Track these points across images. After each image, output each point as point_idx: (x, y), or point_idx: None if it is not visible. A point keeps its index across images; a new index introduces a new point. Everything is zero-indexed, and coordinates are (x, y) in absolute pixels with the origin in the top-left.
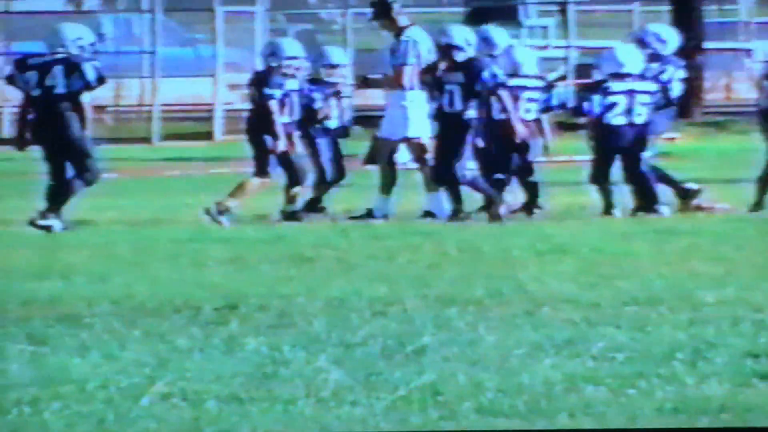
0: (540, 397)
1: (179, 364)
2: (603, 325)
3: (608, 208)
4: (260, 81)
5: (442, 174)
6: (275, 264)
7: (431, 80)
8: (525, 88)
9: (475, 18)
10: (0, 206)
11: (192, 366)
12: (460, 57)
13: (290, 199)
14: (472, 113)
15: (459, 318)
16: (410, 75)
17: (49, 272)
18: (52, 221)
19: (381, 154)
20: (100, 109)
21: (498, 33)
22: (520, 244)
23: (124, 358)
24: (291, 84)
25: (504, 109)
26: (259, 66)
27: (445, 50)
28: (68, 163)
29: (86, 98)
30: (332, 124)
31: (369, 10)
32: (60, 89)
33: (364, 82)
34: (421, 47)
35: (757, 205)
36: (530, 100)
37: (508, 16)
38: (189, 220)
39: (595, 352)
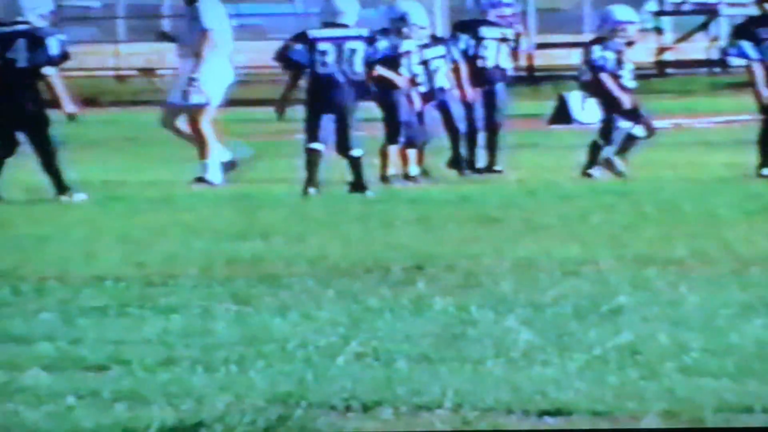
0: (752, 357)
1: (371, 323)
2: None
3: None
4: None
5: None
6: (461, 224)
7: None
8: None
9: None
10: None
11: (383, 326)
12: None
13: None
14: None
15: (658, 278)
16: (211, 40)
17: (251, 232)
18: None
19: (168, 121)
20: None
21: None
22: (726, 203)
23: (321, 317)
24: (408, 45)
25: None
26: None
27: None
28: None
29: (51, 71)
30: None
31: None
32: (21, 63)
33: (162, 36)
34: (219, 12)
35: None
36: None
37: None
38: (374, 180)
39: None
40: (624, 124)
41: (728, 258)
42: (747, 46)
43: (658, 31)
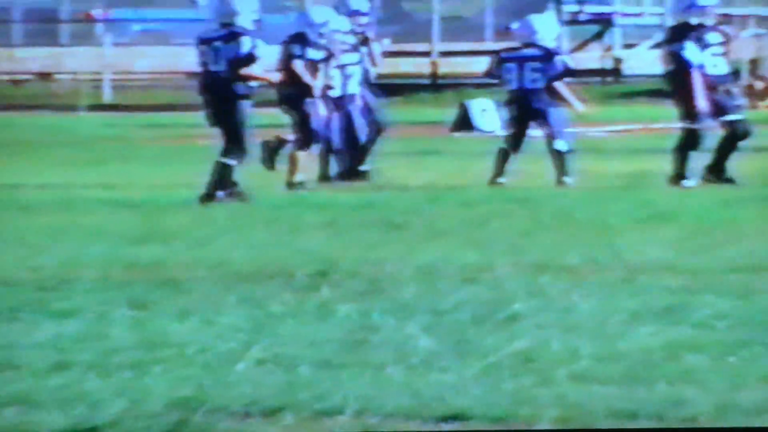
0: (638, 364)
1: (273, 329)
2: (704, 293)
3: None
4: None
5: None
6: (366, 230)
7: None
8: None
9: None
10: (101, 170)
11: (285, 331)
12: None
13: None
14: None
15: (552, 285)
16: None
17: (151, 237)
18: None
19: None
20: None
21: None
22: (618, 212)
23: (221, 323)
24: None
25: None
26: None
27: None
28: None
29: None
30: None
31: None
32: None
33: None
34: None
35: None
36: (534, 69)
37: None
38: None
39: (695, 320)
40: (536, 133)
41: (618, 265)
42: (692, 51)
43: None
